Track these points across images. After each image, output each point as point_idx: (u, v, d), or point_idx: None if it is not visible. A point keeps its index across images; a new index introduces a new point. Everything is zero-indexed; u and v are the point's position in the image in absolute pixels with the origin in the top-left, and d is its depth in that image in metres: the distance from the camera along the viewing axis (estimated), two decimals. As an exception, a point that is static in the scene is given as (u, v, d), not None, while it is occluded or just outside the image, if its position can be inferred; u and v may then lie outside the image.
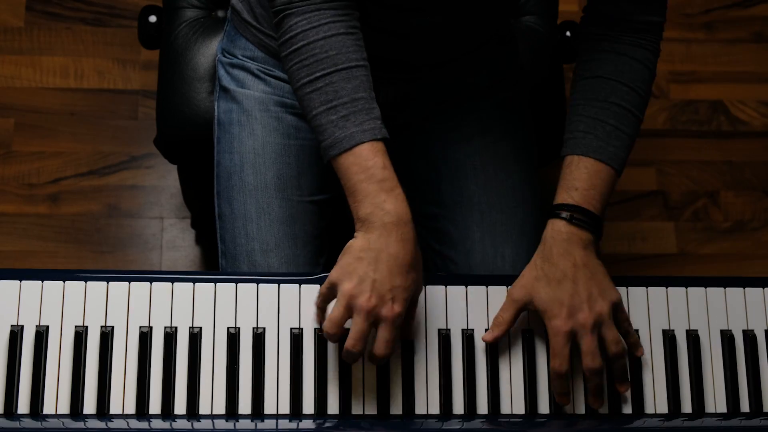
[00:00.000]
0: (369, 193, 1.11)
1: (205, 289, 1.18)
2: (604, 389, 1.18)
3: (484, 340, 1.18)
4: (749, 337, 1.23)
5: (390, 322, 1.10)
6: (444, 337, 1.18)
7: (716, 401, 1.21)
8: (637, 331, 1.21)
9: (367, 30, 1.27)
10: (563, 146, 1.23)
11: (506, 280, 1.22)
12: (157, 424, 1.13)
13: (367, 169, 1.12)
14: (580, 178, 1.19)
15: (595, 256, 1.19)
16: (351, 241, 1.13)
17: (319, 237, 1.37)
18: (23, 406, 1.13)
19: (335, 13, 1.14)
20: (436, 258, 1.40)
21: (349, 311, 1.11)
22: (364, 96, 1.14)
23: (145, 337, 1.16)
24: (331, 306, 1.14)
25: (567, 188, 1.20)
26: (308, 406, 1.15)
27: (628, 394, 1.19)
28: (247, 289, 1.18)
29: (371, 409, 1.16)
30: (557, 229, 1.18)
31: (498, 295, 1.21)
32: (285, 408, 1.15)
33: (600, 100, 1.22)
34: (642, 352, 1.20)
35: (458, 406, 1.17)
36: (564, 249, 1.17)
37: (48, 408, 1.13)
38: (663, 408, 1.20)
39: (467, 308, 1.20)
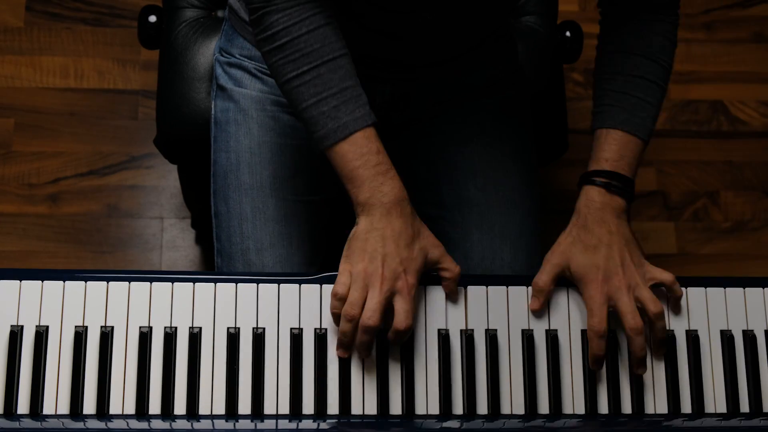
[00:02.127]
0: (367, 178, 1.16)
1: (205, 289, 1.18)
2: (646, 354, 1.19)
3: (532, 310, 1.21)
4: (749, 337, 1.23)
5: (406, 293, 1.14)
6: (444, 337, 1.18)
7: (716, 401, 1.21)
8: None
9: (361, 31, 1.27)
10: (592, 120, 1.27)
11: (506, 280, 1.22)
12: (157, 424, 1.13)
13: (363, 155, 1.16)
14: (609, 150, 1.23)
15: (628, 224, 1.23)
16: (354, 228, 1.17)
17: (314, 237, 1.37)
18: (23, 406, 1.13)
19: (313, 6, 1.16)
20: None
21: (365, 290, 1.14)
22: (351, 84, 1.17)
23: (145, 337, 1.16)
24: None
25: (597, 160, 1.24)
26: (308, 406, 1.15)
27: (628, 396, 1.20)
28: (246, 289, 1.18)
29: (371, 409, 1.16)
30: (591, 198, 1.22)
31: (498, 295, 1.21)
32: (285, 408, 1.15)
33: (624, 74, 1.25)
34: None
35: (458, 406, 1.17)
36: (599, 217, 1.21)
37: (48, 408, 1.13)
38: (663, 408, 1.20)
39: (467, 308, 1.20)
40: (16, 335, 1.15)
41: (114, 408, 1.14)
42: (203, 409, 1.15)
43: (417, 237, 1.17)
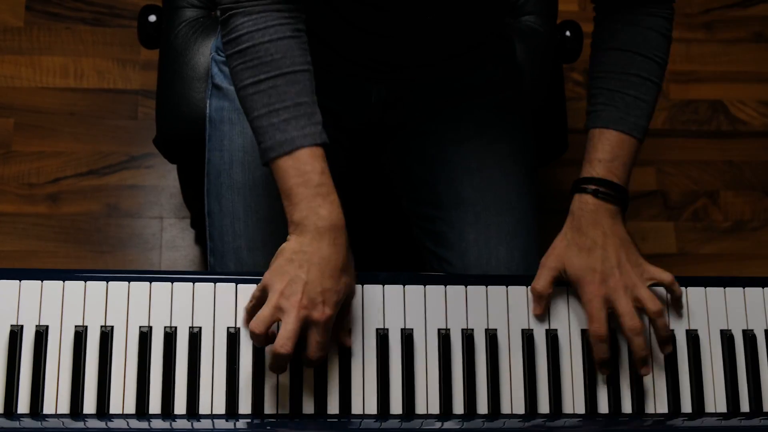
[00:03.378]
0: (305, 197, 1.13)
1: (204, 288, 1.18)
2: (650, 354, 1.20)
3: (535, 314, 1.21)
4: (749, 337, 1.23)
5: (322, 325, 1.11)
6: (444, 337, 1.18)
7: (716, 401, 1.21)
8: (637, 330, 1.21)
9: (355, 31, 1.27)
10: (586, 120, 1.26)
11: (506, 280, 1.22)
12: (157, 423, 1.13)
13: (305, 173, 1.13)
14: (603, 150, 1.23)
15: (623, 226, 1.22)
16: (284, 244, 1.14)
17: None
18: (23, 406, 1.13)
19: (281, 15, 1.15)
20: (431, 259, 1.40)
21: (278, 311, 1.11)
22: (306, 101, 1.14)
23: (145, 336, 1.15)
24: None
25: (591, 161, 1.23)
26: (308, 406, 1.15)
27: (628, 396, 1.20)
28: (246, 289, 1.18)
29: (371, 409, 1.16)
30: (584, 201, 1.22)
31: (497, 295, 1.21)
32: (285, 408, 1.15)
33: (618, 72, 1.24)
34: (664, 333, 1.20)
35: (458, 406, 1.17)
36: (592, 219, 1.21)
37: (48, 408, 1.13)
38: (663, 408, 1.20)
39: (467, 308, 1.20)
40: (16, 335, 1.15)
41: (114, 408, 1.14)
42: (203, 408, 1.15)
43: (345, 270, 1.14)
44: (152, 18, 1.64)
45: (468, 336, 1.19)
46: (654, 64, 1.25)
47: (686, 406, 1.20)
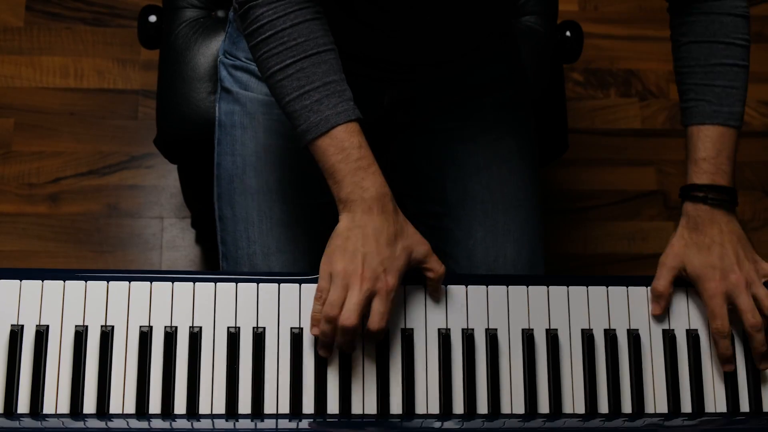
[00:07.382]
0: (347, 172, 1.14)
1: (205, 288, 1.18)
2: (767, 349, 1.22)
3: (653, 314, 1.22)
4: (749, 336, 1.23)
5: (384, 295, 1.12)
6: (444, 337, 1.18)
7: (716, 401, 1.21)
8: (637, 330, 1.21)
9: (362, 28, 1.27)
10: (681, 116, 1.28)
11: (506, 279, 1.22)
12: (157, 423, 1.13)
13: (344, 149, 1.14)
14: (704, 148, 1.24)
15: (737, 223, 1.25)
16: (336, 226, 1.15)
17: (321, 241, 1.37)
18: (23, 405, 1.13)
19: (299, 0, 1.15)
20: (438, 256, 1.40)
21: (346, 290, 1.12)
22: (335, 79, 1.15)
23: (145, 336, 1.16)
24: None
25: (696, 161, 1.24)
26: (308, 406, 1.15)
27: (628, 396, 1.20)
28: (247, 288, 1.18)
29: (371, 409, 1.16)
30: (697, 207, 1.24)
31: (498, 294, 1.21)
32: (285, 408, 1.15)
33: (701, 65, 1.25)
34: None
35: (458, 406, 1.17)
36: (709, 219, 1.23)
37: (48, 408, 1.13)
38: (663, 408, 1.20)
39: (467, 308, 1.20)
40: (16, 335, 1.15)
41: (114, 407, 1.14)
42: (203, 408, 1.15)
43: (400, 235, 1.15)
44: (152, 18, 1.64)
45: (468, 336, 1.19)
46: (736, 47, 1.25)
47: (686, 406, 1.20)
